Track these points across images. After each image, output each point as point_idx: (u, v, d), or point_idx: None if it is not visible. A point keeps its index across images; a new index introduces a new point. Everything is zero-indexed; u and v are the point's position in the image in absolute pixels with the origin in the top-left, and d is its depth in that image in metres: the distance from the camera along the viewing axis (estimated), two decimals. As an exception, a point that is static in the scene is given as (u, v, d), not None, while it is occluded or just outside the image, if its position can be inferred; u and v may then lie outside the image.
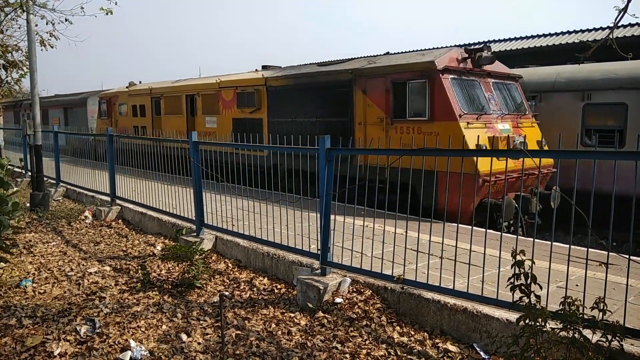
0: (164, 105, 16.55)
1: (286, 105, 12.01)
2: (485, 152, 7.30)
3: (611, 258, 3.95)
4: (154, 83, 18.03)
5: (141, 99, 17.80)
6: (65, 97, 27.28)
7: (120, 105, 19.22)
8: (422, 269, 5.23)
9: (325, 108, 11.07)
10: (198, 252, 6.77)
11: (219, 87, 14.14)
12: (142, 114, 17.84)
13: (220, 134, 13.39)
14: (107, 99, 20.17)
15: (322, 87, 11.14)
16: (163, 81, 18.13)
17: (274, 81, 12.41)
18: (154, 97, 17.11)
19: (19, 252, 7.82)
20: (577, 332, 3.46)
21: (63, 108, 25.43)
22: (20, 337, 4.84)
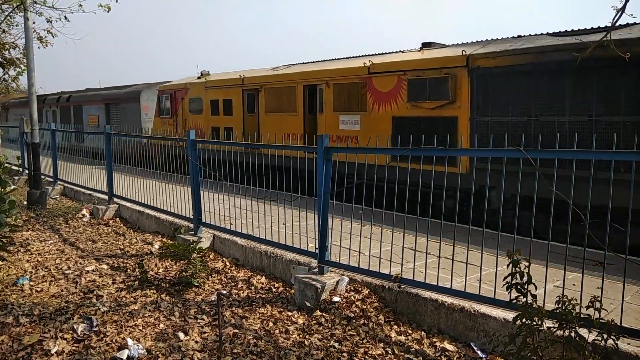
0: (264, 99, 12.85)
1: (512, 96, 8.13)
2: (483, 151, 7.30)
3: (608, 258, 3.96)
4: (246, 71, 14.21)
5: (225, 92, 14.09)
6: (108, 91, 22.97)
7: (192, 100, 15.53)
8: (419, 268, 5.24)
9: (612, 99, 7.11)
10: (196, 250, 6.77)
11: (367, 73, 10.28)
12: (226, 111, 14.07)
13: (367, 138, 8.85)
14: (170, 92, 16.44)
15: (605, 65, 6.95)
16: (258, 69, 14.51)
17: (488, 60, 8.45)
18: (248, 89, 13.33)
19: (16, 250, 7.81)
20: (574, 331, 3.48)
21: (104, 104, 21.65)
22: (18, 335, 4.84)
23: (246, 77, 13.37)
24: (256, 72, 13.72)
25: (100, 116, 21.94)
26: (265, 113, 12.90)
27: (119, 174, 10.59)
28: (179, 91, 16.11)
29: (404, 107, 9.66)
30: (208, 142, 8.81)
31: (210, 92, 14.70)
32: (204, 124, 14.86)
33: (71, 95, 25.09)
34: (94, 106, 22.53)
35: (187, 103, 15.69)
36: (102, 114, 21.88)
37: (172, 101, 16.35)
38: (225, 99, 14.14)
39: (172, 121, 16.40)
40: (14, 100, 30.83)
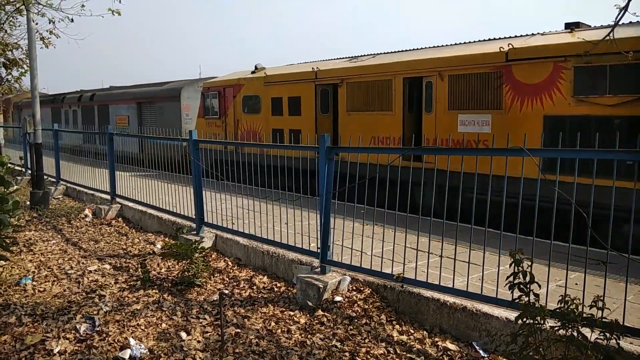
0: (346, 96, 10.87)
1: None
2: (484, 151, 7.30)
3: (610, 257, 3.95)
4: (319, 63, 12.42)
5: (292, 88, 12.09)
6: (140, 89, 20.23)
7: (247, 98, 13.53)
8: (421, 267, 5.24)
9: None
10: (198, 250, 6.77)
11: (505, 60, 8.19)
12: (293, 111, 12.06)
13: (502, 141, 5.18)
14: (218, 89, 14.50)
15: None
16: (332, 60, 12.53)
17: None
18: (323, 84, 11.43)
19: (19, 250, 7.83)
20: (576, 331, 3.47)
21: (136, 103, 19.21)
22: (20, 335, 4.85)
23: (321, 70, 11.23)
24: (332, 65, 11.61)
25: (131, 117, 19.55)
26: (347, 112, 10.83)
27: (121, 174, 10.61)
28: (229, 88, 14.11)
29: (563, 104, 7.51)
30: (210, 141, 8.81)
31: (271, 89, 12.65)
32: (262, 125, 12.93)
33: (95, 94, 22.72)
34: (123, 106, 20.14)
35: (239, 102, 13.70)
36: (133, 114, 19.51)
37: (220, 100, 14.31)
38: (291, 96, 12.07)
39: (219, 122, 14.44)
40: (28, 100, 30.30)
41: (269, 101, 12.75)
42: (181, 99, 16.93)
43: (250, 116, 13.49)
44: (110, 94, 21.74)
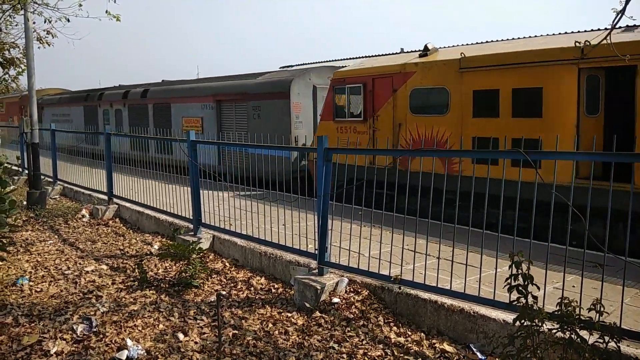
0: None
1: None
2: (483, 153, 7.32)
3: (608, 259, 3.96)
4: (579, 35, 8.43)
5: (523, 74, 8.11)
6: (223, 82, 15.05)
7: (420, 92, 9.65)
8: (419, 269, 5.24)
9: None
10: (195, 251, 6.76)
11: None
12: (523, 110, 8.10)
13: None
14: (364, 81, 10.55)
15: None
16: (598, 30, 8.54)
17: None
18: (596, 67, 7.51)
19: (16, 250, 7.80)
20: (574, 333, 3.47)
21: (215, 101, 14.41)
22: (17, 335, 4.83)
23: (588, 47, 7.05)
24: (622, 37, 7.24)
25: (207, 119, 14.73)
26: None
27: (118, 175, 10.59)
28: (384, 79, 10.25)
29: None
30: (207, 142, 8.80)
31: (473, 77, 8.72)
32: (451, 132, 9.00)
33: (149, 89, 17.77)
34: (193, 104, 15.26)
35: (405, 97, 9.79)
36: (209, 115, 14.71)
37: (366, 95, 10.48)
38: (521, 87, 8.12)
39: (363, 127, 10.60)
40: (51, 97, 25.83)
41: (469, 96, 8.75)
42: (291, 96, 12.22)
43: (426, 118, 9.46)
44: (173, 89, 16.72)
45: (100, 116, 20.51)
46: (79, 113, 22.13)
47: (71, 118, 22.80)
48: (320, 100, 12.78)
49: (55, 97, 25.44)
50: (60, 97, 25.01)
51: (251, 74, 14.92)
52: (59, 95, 26.00)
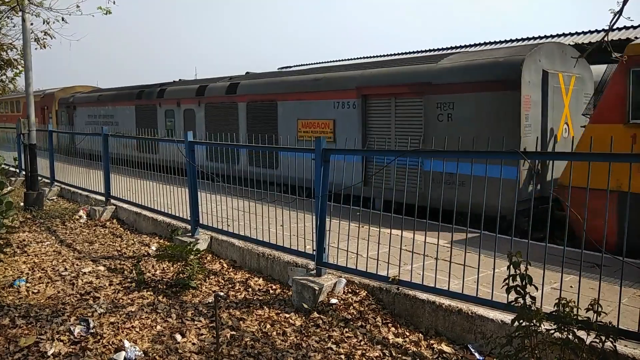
0: None
1: None
2: (482, 154, 7.30)
3: (605, 260, 3.97)
4: None
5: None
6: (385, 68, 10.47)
7: None
8: (417, 270, 5.24)
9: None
10: (193, 252, 6.75)
11: None
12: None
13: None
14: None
15: None
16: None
17: None
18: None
19: (13, 251, 7.78)
20: (571, 333, 3.48)
21: (360, 96, 10.26)
22: (14, 337, 4.82)
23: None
24: None
25: (343, 121, 10.66)
26: None
27: (115, 175, 10.57)
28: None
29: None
30: (206, 143, 8.79)
31: None
32: None
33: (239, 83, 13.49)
34: (319, 101, 11.21)
35: None
36: (347, 116, 10.56)
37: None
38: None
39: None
40: (86, 95, 21.98)
41: None
42: (522, 86, 8.01)
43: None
44: (281, 82, 12.41)
45: (161, 118, 16.25)
46: (128, 114, 17.68)
47: (115, 120, 18.91)
48: (553, 93, 8.53)
49: (91, 95, 20.91)
50: (100, 94, 20.14)
51: (428, 56, 11.26)
52: (97, 92, 21.29)
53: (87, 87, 25.63)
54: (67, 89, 24.93)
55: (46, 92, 26.29)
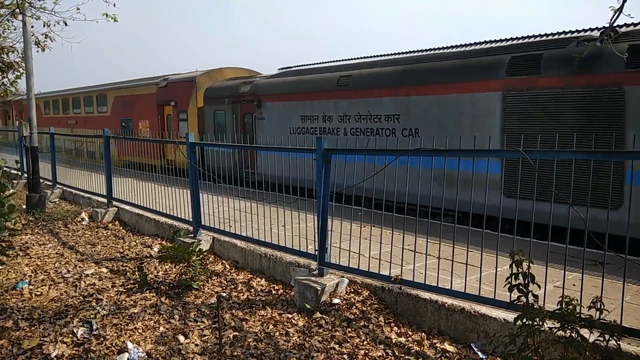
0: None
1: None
2: (480, 152, 7.29)
3: (608, 258, 3.96)
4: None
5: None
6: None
7: None
8: (419, 269, 5.24)
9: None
10: (195, 253, 6.75)
11: None
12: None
13: None
14: None
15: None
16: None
17: None
18: None
19: (15, 254, 7.79)
20: (575, 332, 3.47)
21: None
22: (17, 339, 4.82)
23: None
24: None
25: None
26: None
27: (117, 177, 10.58)
28: None
29: None
30: (206, 144, 8.80)
31: None
32: None
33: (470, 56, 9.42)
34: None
35: None
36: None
37: None
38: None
39: None
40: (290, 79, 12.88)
41: None
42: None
43: None
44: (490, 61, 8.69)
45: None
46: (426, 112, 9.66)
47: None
48: None
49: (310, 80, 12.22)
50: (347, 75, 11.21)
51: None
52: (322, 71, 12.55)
53: (238, 71, 16.50)
54: (214, 72, 15.72)
55: (170, 80, 16.61)
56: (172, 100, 16.43)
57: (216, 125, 14.80)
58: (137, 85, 18.48)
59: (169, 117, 16.92)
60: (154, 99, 17.25)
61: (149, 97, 17.58)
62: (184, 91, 16.14)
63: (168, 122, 16.97)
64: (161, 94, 16.96)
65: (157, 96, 17.14)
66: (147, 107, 17.73)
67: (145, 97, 17.85)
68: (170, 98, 16.52)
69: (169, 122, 16.91)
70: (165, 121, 17.05)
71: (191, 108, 15.86)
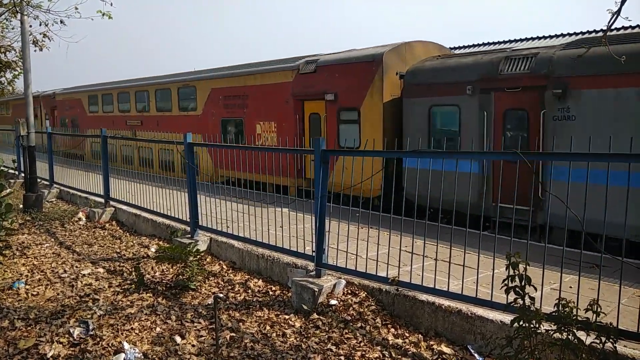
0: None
1: None
2: (482, 154, 7.33)
3: (604, 260, 3.97)
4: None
5: None
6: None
7: None
8: (416, 270, 5.24)
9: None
10: (192, 253, 6.74)
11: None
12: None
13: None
14: None
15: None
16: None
17: None
18: None
19: (12, 253, 7.77)
20: (571, 334, 3.48)
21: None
22: (13, 339, 4.81)
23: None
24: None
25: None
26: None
27: (115, 177, 10.56)
28: None
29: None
30: (204, 145, 8.79)
31: None
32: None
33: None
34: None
35: None
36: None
37: None
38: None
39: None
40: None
41: None
42: None
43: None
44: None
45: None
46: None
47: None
48: None
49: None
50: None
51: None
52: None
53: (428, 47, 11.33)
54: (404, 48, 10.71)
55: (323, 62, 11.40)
56: (327, 91, 11.02)
57: (436, 128, 9.75)
58: (255, 72, 13.02)
59: (314, 117, 11.60)
60: (287, 92, 12.01)
61: (275, 89, 12.33)
62: (352, 78, 10.68)
63: (313, 125, 11.66)
64: (302, 83, 11.68)
65: (293, 87, 11.84)
66: (272, 103, 12.43)
67: (268, 89, 12.59)
68: (323, 89, 11.13)
69: (316, 124, 11.57)
70: (308, 123, 11.75)
71: (368, 103, 10.40)
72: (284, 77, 12.13)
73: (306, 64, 11.75)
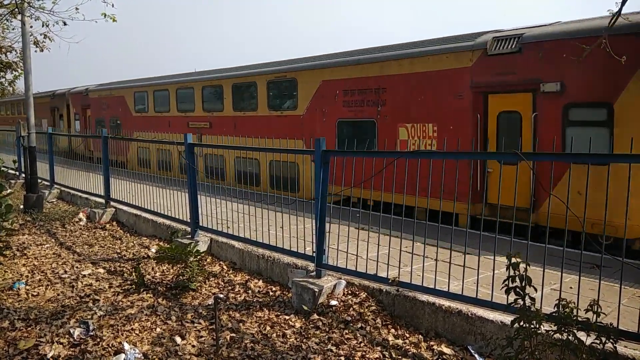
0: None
1: None
2: (478, 155, 7.32)
3: (605, 261, 3.97)
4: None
5: None
6: None
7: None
8: (417, 271, 5.24)
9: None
10: (193, 254, 6.75)
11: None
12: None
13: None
14: None
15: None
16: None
17: None
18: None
19: (12, 254, 7.78)
20: (572, 334, 3.47)
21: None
22: (13, 339, 4.81)
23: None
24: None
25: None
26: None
27: (115, 178, 10.56)
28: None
29: None
30: (205, 145, 8.79)
31: None
32: None
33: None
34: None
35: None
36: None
37: None
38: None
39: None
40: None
41: None
42: None
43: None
44: None
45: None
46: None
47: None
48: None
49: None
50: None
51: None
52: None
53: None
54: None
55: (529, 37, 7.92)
56: (542, 80, 7.77)
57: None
58: (401, 56, 9.84)
59: (507, 117, 8.40)
60: (461, 82, 8.82)
61: (438, 79, 9.18)
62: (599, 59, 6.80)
63: (506, 128, 8.47)
64: (492, 69, 8.44)
65: (474, 75, 8.64)
66: (431, 99, 9.30)
67: (423, 78, 9.44)
68: (535, 76, 7.88)
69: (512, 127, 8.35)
70: (496, 125, 8.54)
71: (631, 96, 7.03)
72: (455, 62, 8.85)
73: (500, 41, 8.31)
